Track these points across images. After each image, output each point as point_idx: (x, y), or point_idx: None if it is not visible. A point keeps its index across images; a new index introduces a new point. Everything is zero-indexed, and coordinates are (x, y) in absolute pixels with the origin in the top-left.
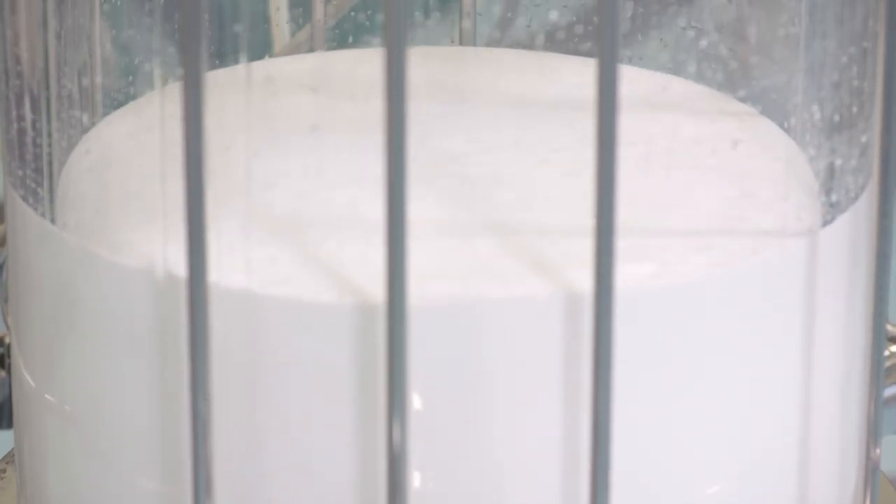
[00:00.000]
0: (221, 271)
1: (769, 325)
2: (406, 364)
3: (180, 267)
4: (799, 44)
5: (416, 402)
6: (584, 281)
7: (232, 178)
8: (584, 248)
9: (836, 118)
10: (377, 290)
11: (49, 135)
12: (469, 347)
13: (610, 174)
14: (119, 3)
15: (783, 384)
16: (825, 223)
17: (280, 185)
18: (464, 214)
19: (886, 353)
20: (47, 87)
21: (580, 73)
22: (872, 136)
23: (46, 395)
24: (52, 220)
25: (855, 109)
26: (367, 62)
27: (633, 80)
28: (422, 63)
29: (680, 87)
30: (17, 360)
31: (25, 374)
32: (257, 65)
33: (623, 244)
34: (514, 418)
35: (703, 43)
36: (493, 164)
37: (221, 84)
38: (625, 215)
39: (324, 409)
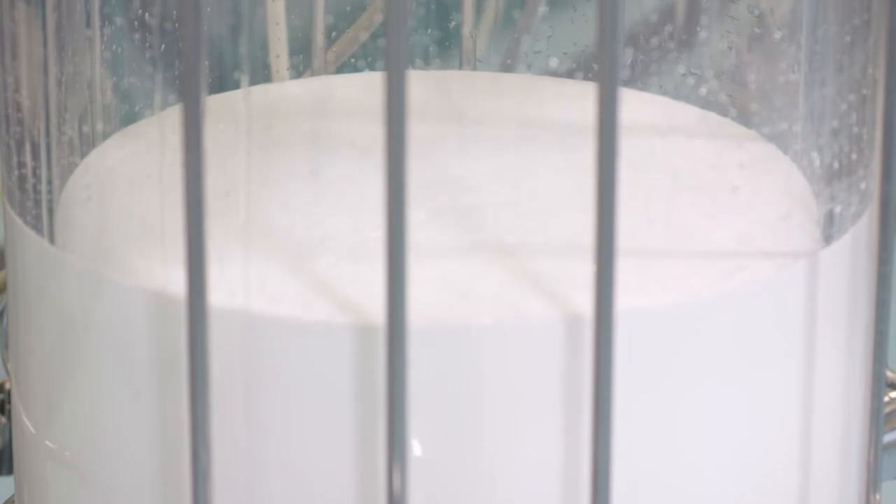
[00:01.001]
0: (221, 292)
1: (769, 348)
2: (405, 385)
3: (180, 287)
4: (798, 91)
5: (415, 423)
6: (584, 303)
7: (231, 201)
8: (585, 270)
9: (836, 165)
10: (377, 310)
11: (49, 181)
12: (469, 368)
13: (610, 197)
14: (120, 50)
15: (783, 410)
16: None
17: (279, 207)
18: (464, 236)
19: (886, 398)
20: (48, 134)
21: (582, 97)
22: (872, 183)
23: (46, 442)
24: (52, 243)
25: (854, 156)
26: (368, 86)
27: (633, 104)
28: (422, 86)
29: (680, 111)
30: (18, 406)
31: (25, 420)
32: (257, 89)
33: (623, 266)
34: (513, 440)
35: (703, 90)
36: (494, 187)
37: (220, 108)
38: (625, 237)
39: (322, 429)
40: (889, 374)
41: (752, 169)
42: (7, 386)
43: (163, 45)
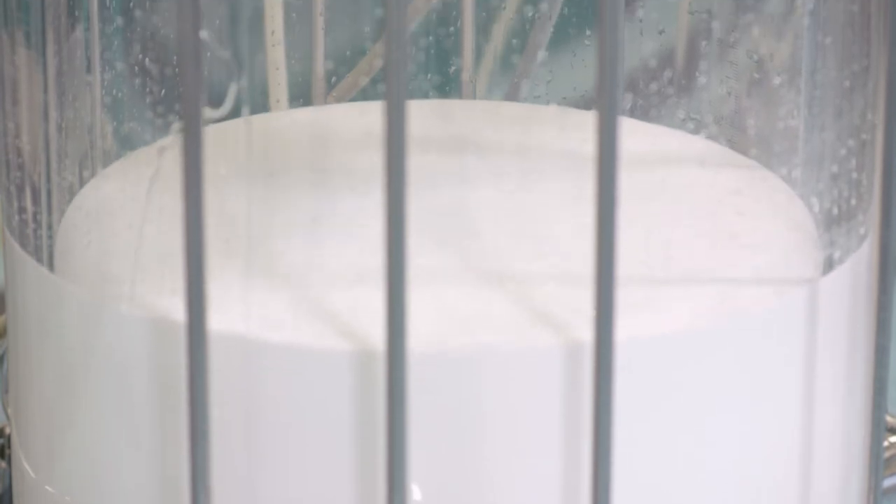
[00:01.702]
0: (220, 318)
1: (769, 377)
2: (405, 412)
3: (179, 313)
4: (798, 136)
5: (415, 449)
6: (584, 331)
7: (230, 226)
8: (585, 297)
9: (835, 211)
10: (377, 337)
11: (50, 226)
12: (469, 395)
13: (610, 225)
14: (120, 95)
15: (782, 441)
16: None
17: (279, 233)
18: (464, 264)
19: (886, 443)
20: (48, 179)
21: (583, 126)
22: (871, 228)
23: (47, 487)
24: (52, 271)
25: (854, 202)
26: (368, 114)
27: (633, 133)
28: (423, 115)
29: (679, 139)
30: (18, 451)
31: (26, 465)
32: (257, 118)
33: (623, 294)
34: (513, 467)
35: (702, 135)
36: (494, 215)
37: (219, 136)
38: (625, 265)
39: (322, 456)
40: (889, 418)
41: (751, 196)
42: (7, 431)
43: (163, 91)
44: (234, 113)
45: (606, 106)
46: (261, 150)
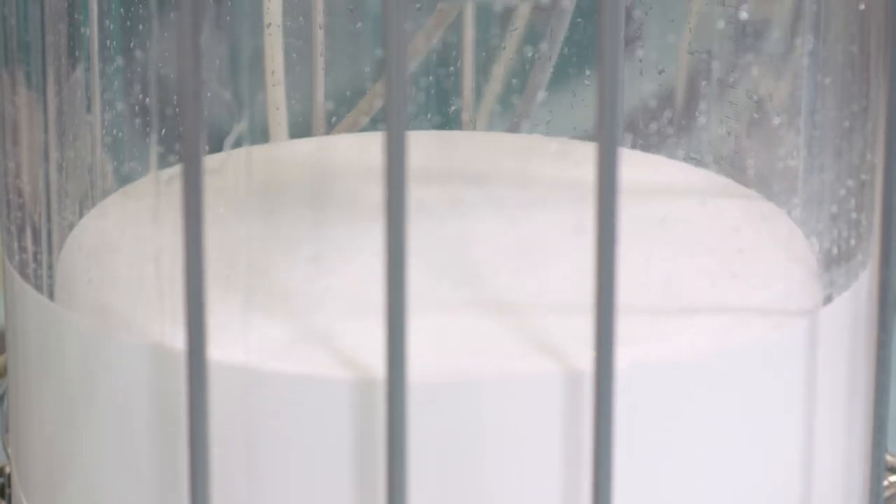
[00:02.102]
0: (221, 347)
1: (768, 407)
2: (406, 440)
3: (179, 342)
4: (797, 176)
5: (415, 478)
6: (584, 359)
7: (230, 255)
8: (585, 325)
9: (835, 251)
10: (377, 365)
11: (50, 266)
12: (469, 424)
13: (610, 254)
14: (120, 135)
15: (782, 472)
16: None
17: (279, 261)
18: (464, 293)
19: (885, 482)
20: (49, 219)
21: (583, 157)
22: (870, 259)
23: None
24: (52, 299)
25: (853, 242)
26: (368, 146)
27: (634, 163)
28: (422, 145)
29: (679, 170)
30: (18, 490)
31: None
32: (257, 148)
33: (623, 322)
34: (513, 496)
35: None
36: (494, 244)
37: (218, 165)
38: (625, 294)
39: (323, 484)
40: (889, 458)
41: (752, 227)
42: (7, 470)
43: (164, 130)
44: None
45: (606, 144)
46: (261, 180)
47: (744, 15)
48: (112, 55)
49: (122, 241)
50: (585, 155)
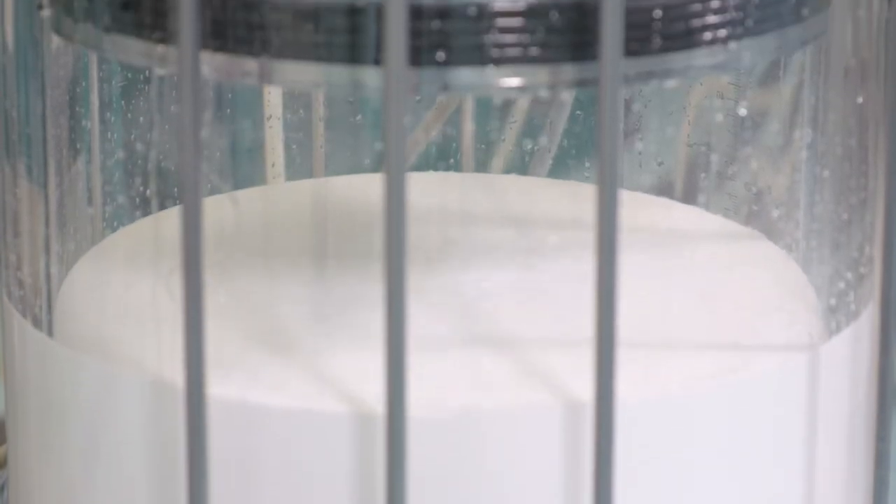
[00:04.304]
0: (220, 382)
1: (769, 443)
2: (405, 475)
3: (178, 377)
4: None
5: None
6: (585, 392)
7: (230, 293)
8: (585, 359)
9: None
10: (377, 399)
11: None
12: (468, 458)
13: (611, 289)
14: (120, 227)
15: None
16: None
17: (279, 297)
18: (463, 327)
19: None
20: (49, 311)
21: (582, 197)
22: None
23: None
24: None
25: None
26: (368, 186)
27: (634, 204)
28: (422, 186)
29: (681, 210)
30: None
31: None
32: (256, 189)
33: (623, 356)
34: None
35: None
36: (493, 280)
37: (217, 203)
38: (625, 328)
39: None
40: None
41: (752, 265)
42: None
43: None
44: None
45: (606, 174)
46: (259, 217)
47: (742, 111)
48: (113, 148)
49: (121, 279)
50: (587, 195)
